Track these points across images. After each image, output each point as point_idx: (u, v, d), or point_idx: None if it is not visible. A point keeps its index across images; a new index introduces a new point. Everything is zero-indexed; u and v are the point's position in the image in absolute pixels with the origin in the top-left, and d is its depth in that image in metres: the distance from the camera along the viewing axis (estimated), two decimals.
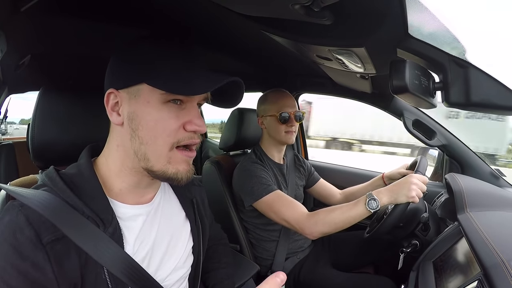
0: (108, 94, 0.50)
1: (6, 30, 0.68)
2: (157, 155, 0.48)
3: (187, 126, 0.49)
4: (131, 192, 0.53)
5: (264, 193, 1.01)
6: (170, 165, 0.49)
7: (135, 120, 0.48)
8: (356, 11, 0.56)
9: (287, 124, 1.10)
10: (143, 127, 0.48)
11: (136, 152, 0.49)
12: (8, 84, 1.35)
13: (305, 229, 0.92)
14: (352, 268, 1.21)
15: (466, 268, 0.60)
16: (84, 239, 0.44)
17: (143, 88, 0.47)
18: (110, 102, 0.50)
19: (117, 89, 0.49)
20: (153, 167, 0.49)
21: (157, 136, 0.48)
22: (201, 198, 0.71)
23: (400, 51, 0.59)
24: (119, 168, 0.51)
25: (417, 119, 1.21)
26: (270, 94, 1.17)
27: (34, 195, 0.45)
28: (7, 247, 0.41)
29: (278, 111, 1.10)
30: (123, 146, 0.51)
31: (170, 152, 0.49)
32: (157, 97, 0.47)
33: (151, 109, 0.47)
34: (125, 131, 0.49)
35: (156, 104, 0.47)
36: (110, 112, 0.50)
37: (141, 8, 0.76)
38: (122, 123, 0.49)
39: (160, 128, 0.47)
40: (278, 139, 1.13)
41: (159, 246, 0.55)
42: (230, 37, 0.98)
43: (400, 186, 0.85)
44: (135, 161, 0.50)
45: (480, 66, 0.50)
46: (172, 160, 0.50)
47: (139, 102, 0.47)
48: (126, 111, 0.49)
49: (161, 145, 0.48)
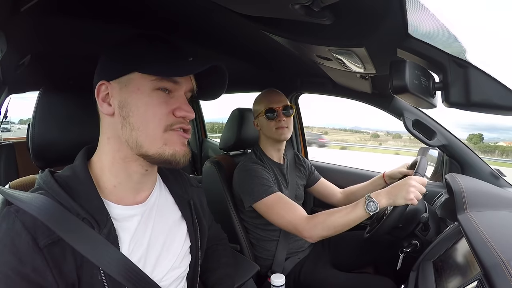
0: (99, 86, 0.51)
1: (6, 30, 0.68)
2: (150, 140, 0.49)
3: (176, 112, 0.51)
4: (125, 188, 0.54)
5: (264, 194, 1.01)
6: (166, 146, 0.50)
7: (126, 107, 0.49)
8: (356, 11, 0.56)
9: (275, 120, 1.11)
10: (134, 113, 0.49)
11: (127, 140, 0.50)
12: (8, 84, 1.35)
13: (304, 232, 0.92)
14: (352, 268, 1.21)
15: (466, 268, 0.60)
16: (80, 241, 0.45)
17: (134, 77, 0.49)
18: (101, 94, 0.51)
19: (108, 80, 0.50)
20: (148, 151, 0.50)
21: (148, 121, 0.49)
22: (199, 199, 0.71)
23: (400, 51, 0.59)
24: (111, 162, 0.52)
25: (417, 119, 1.21)
26: (260, 95, 1.19)
27: (31, 199, 0.45)
28: (7, 254, 0.41)
29: (264, 108, 1.11)
30: (114, 137, 0.52)
31: (165, 134, 0.50)
32: (147, 84, 0.49)
33: (141, 95, 0.49)
34: (116, 120, 0.50)
35: (146, 90, 0.49)
36: (101, 103, 0.51)
37: (142, 9, 0.76)
38: (113, 113, 0.51)
39: (151, 113, 0.49)
40: (271, 137, 1.14)
41: (154, 246, 0.56)
42: (230, 37, 0.98)
43: (399, 189, 0.85)
44: (127, 151, 0.51)
45: (480, 66, 0.50)
46: (169, 141, 0.50)
47: (130, 90, 0.49)
48: (117, 100, 0.50)
49: (152, 129, 0.49)
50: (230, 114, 1.33)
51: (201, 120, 2.57)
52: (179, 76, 0.51)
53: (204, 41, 1.02)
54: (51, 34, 0.87)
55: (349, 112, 70.00)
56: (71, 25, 0.83)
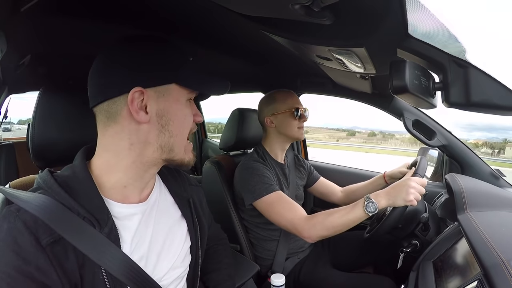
0: (134, 92, 0.48)
1: (6, 30, 0.68)
2: (180, 145, 0.55)
3: (196, 118, 0.58)
4: (134, 188, 0.54)
5: (265, 192, 1.01)
6: (186, 154, 0.57)
7: (165, 116, 0.52)
8: (356, 11, 0.56)
9: (300, 119, 1.14)
10: (174, 122, 0.53)
11: (163, 146, 0.53)
12: (8, 84, 1.35)
13: (303, 232, 0.92)
14: (352, 268, 1.21)
15: (466, 268, 0.60)
16: (81, 240, 0.45)
17: (172, 88, 0.53)
18: (136, 101, 0.49)
19: (144, 87, 0.49)
20: (175, 156, 0.55)
21: (185, 128, 0.55)
22: (198, 198, 0.71)
23: (400, 51, 0.59)
24: (128, 165, 0.52)
25: (417, 119, 1.21)
26: (278, 94, 1.18)
27: (31, 198, 0.45)
28: (10, 254, 0.41)
29: (291, 107, 1.13)
30: (140, 143, 0.51)
31: (186, 142, 0.57)
32: (184, 95, 0.55)
33: (180, 106, 0.54)
34: (152, 128, 0.51)
35: (184, 101, 0.55)
36: (136, 110, 0.49)
37: (142, 9, 0.76)
38: (148, 121, 0.50)
39: (187, 122, 0.56)
40: (291, 135, 1.15)
41: (155, 245, 0.56)
42: (230, 37, 0.98)
43: (398, 189, 0.85)
44: (155, 155, 0.53)
45: (480, 65, 0.50)
46: (186, 149, 0.57)
47: (169, 100, 0.52)
48: (155, 109, 0.51)
49: (184, 136, 0.56)
50: (230, 114, 1.32)
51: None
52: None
53: (204, 41, 1.02)
54: (51, 34, 0.87)
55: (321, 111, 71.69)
56: (71, 25, 0.83)
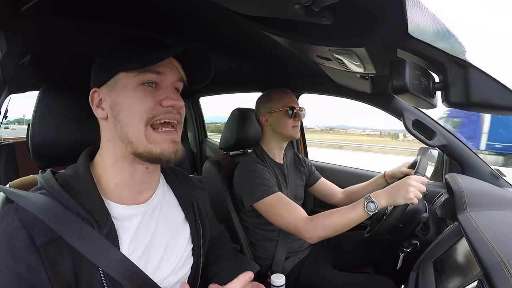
0: (92, 93, 0.53)
1: (6, 30, 0.68)
2: (136, 134, 0.50)
3: (164, 102, 0.51)
4: (127, 187, 0.54)
5: (265, 194, 1.01)
6: (152, 145, 0.50)
7: (116, 106, 0.51)
8: (356, 11, 0.56)
9: (294, 118, 1.13)
10: (122, 110, 0.50)
11: (121, 137, 0.51)
12: (8, 84, 1.35)
13: (304, 233, 0.92)
14: (352, 268, 1.21)
15: (466, 268, 0.60)
16: (80, 240, 0.45)
17: (119, 77, 0.51)
18: (95, 100, 0.53)
19: (98, 87, 0.52)
20: (138, 149, 0.50)
21: (134, 115, 0.50)
22: (202, 201, 0.71)
23: (400, 51, 0.59)
24: (113, 161, 0.53)
25: (417, 119, 1.21)
26: (274, 93, 1.18)
27: (31, 197, 0.46)
28: (4, 252, 0.41)
29: (286, 106, 1.13)
30: (112, 139, 0.53)
31: (146, 129, 0.50)
32: (131, 80, 0.50)
33: (128, 92, 0.50)
34: (110, 122, 0.52)
35: (132, 86, 0.50)
36: (95, 109, 0.53)
37: (143, 9, 0.76)
38: (106, 117, 0.52)
39: (137, 106, 0.50)
40: (286, 134, 1.15)
41: (157, 247, 0.56)
42: (230, 37, 0.98)
43: (398, 188, 0.85)
44: (124, 149, 0.52)
45: (480, 66, 0.50)
46: (151, 139, 0.51)
47: (117, 90, 0.51)
48: (108, 102, 0.52)
49: (137, 122, 0.50)
50: (230, 114, 1.32)
51: (201, 120, 2.57)
52: (154, 63, 0.50)
53: (205, 41, 1.02)
54: (51, 34, 0.87)
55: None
56: (71, 25, 0.83)
